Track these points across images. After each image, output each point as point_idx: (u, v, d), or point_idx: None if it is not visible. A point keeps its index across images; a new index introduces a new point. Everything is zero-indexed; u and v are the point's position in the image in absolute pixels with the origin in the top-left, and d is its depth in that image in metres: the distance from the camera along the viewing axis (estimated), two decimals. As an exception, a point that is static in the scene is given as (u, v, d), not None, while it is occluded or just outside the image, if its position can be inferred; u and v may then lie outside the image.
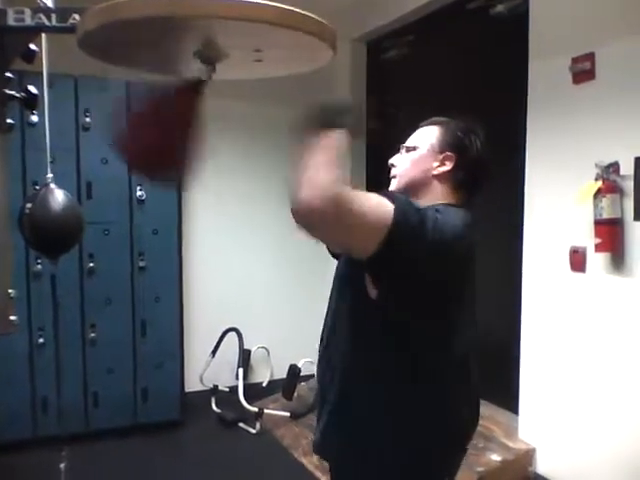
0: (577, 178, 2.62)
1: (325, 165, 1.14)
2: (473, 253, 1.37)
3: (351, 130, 1.24)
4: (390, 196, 1.22)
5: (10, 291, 1.42)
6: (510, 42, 3.18)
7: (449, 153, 1.44)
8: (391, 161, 1.53)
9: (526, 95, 2.93)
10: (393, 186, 1.49)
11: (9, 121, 1.41)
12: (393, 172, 1.51)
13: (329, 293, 1.51)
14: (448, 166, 1.44)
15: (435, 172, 1.44)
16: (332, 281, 1.50)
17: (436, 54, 3.80)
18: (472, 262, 1.38)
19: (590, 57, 2.59)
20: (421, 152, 1.47)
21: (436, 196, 1.43)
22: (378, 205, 1.19)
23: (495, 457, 2.94)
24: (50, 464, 2.20)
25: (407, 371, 1.34)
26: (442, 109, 1.56)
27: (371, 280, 1.28)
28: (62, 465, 2.18)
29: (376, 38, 4.27)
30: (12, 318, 1.43)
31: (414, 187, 1.45)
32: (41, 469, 2.44)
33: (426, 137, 1.49)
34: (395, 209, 1.18)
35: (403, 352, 1.33)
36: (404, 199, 1.26)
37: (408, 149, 1.50)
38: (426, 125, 1.53)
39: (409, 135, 1.54)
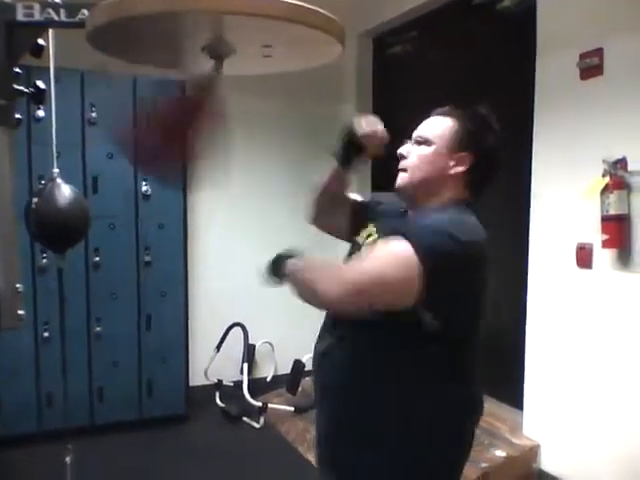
0: (584, 174, 2.61)
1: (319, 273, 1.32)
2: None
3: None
4: (412, 242, 1.22)
5: (18, 286, 1.42)
6: (516, 38, 3.16)
7: (465, 153, 1.40)
8: (400, 151, 1.45)
9: (533, 91, 2.91)
10: (403, 179, 1.43)
11: (17, 116, 1.40)
12: (403, 164, 1.44)
13: None
14: (464, 167, 1.40)
15: (451, 172, 1.40)
16: None
17: (442, 49, 3.78)
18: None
19: (598, 52, 2.57)
20: (436, 150, 1.41)
21: (448, 193, 1.41)
22: (403, 268, 1.21)
23: (499, 453, 2.94)
24: (55, 458, 2.20)
25: (441, 369, 1.35)
26: (447, 104, 1.50)
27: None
28: (67, 459, 2.18)
29: (382, 33, 4.26)
30: (20, 312, 1.43)
31: (426, 184, 1.41)
32: (46, 463, 2.45)
33: (441, 132, 1.42)
34: (421, 261, 1.20)
35: (436, 351, 1.33)
36: (425, 242, 1.23)
37: (420, 141, 1.43)
38: (440, 115, 1.45)
39: (415, 126, 1.47)
